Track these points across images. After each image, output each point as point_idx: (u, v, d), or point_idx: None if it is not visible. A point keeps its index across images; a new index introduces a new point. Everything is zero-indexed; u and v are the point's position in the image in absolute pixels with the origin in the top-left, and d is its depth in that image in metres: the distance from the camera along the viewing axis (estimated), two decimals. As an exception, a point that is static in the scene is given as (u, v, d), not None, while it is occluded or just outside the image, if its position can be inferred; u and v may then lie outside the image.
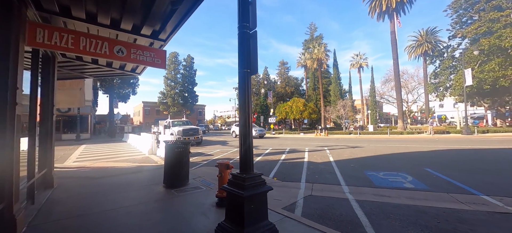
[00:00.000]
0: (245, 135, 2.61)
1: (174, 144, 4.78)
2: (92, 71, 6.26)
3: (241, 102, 2.71)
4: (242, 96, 2.69)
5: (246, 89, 2.67)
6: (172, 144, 4.80)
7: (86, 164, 8.53)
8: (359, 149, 11.14)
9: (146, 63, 3.81)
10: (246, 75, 2.71)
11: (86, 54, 3.32)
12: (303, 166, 7.39)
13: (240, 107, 2.74)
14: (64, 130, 25.02)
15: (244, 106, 2.65)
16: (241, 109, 2.70)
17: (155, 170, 6.75)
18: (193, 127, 15.06)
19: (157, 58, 3.93)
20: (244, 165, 2.64)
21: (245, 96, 2.65)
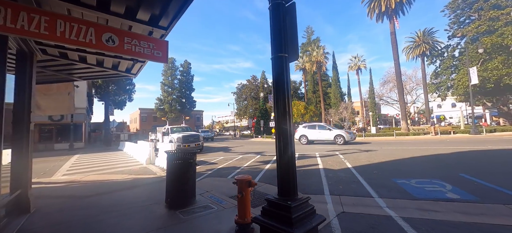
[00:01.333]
0: (285, 143, 1.88)
1: (176, 154, 3.99)
2: (81, 72, 5.47)
3: (277, 97, 1.97)
4: (279, 90, 1.94)
5: (283, 80, 1.94)
6: (175, 154, 4.01)
7: (76, 177, 7.64)
8: (373, 153, 10.42)
9: (144, 56, 3.06)
10: (282, 62, 1.97)
11: (66, 42, 2.55)
12: (321, 174, 6.62)
13: (276, 104, 2.00)
14: (57, 139, 23.93)
15: (284, 104, 1.91)
16: (277, 107, 1.96)
17: (155, 184, 5.91)
18: (193, 133, 14.22)
19: (157, 51, 3.18)
20: (286, 184, 1.89)
21: (283, 89, 1.92)
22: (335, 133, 16.06)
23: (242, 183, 2.84)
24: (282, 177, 1.89)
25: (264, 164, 8.77)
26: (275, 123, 1.95)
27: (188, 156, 4.01)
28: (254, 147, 17.14)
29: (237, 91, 55.40)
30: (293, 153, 1.90)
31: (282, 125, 1.88)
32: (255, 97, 51.02)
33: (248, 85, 53.09)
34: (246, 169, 7.98)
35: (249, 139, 32.66)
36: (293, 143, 1.92)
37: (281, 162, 1.87)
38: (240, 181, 2.85)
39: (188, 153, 4.06)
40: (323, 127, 17.13)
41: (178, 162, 3.95)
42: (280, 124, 1.91)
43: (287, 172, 1.86)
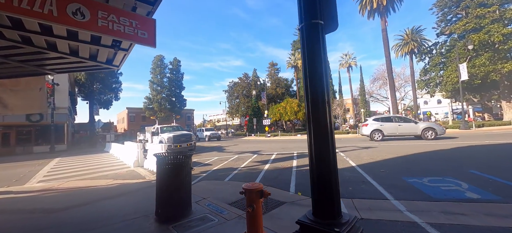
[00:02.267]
0: (324, 142, 1.34)
1: (168, 157, 3.38)
2: (54, 64, 4.70)
3: (311, 80, 1.42)
4: (313, 71, 1.40)
5: (320, 57, 1.40)
6: (166, 157, 3.39)
7: (53, 184, 6.80)
8: (374, 150, 10.14)
9: (125, 36, 2.44)
10: (316, 32, 1.43)
11: (14, 11, 1.89)
12: (325, 174, 6.16)
13: (308, 90, 1.46)
14: (36, 141, 22.34)
15: (321, 90, 1.37)
16: (311, 94, 1.42)
17: (143, 190, 5.24)
18: (185, 133, 13.47)
19: (142, 30, 2.57)
20: (328, 202, 1.36)
21: (320, 71, 1.38)
22: (423, 125, 13.65)
23: (252, 194, 2.29)
24: (321, 191, 1.36)
25: (262, 164, 8.25)
26: (307, 115, 1.43)
27: (182, 159, 3.41)
28: (249, 145, 16.59)
29: (228, 90, 54.50)
30: (335, 156, 1.39)
31: (318, 117, 1.35)
32: (247, 95, 50.35)
33: (240, 83, 52.31)
34: (244, 170, 7.42)
35: (242, 138, 32.06)
36: (334, 140, 1.41)
37: (318, 168, 1.35)
38: (250, 191, 2.30)
39: (181, 154, 3.45)
40: (404, 119, 14.65)
41: (170, 166, 3.34)
42: (315, 115, 1.38)
43: (328, 183, 1.34)
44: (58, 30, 3.16)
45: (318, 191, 1.37)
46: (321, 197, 1.36)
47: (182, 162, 3.40)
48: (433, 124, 14.25)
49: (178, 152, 3.54)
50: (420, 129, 13.46)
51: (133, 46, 4.05)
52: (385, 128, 14.18)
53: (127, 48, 4.02)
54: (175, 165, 3.36)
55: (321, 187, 1.36)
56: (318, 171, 1.35)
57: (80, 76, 28.94)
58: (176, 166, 3.36)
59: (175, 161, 3.37)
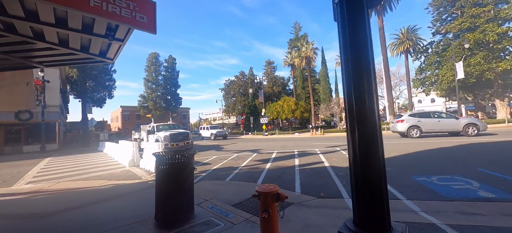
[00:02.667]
0: (370, 140, 1.10)
1: (169, 157, 3.09)
2: (43, 55, 4.34)
3: (353, 65, 1.18)
4: (357, 54, 1.16)
5: (365, 36, 1.16)
6: (166, 156, 3.11)
7: (43, 185, 6.42)
8: None
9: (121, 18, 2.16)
10: (360, 6, 1.18)
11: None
12: (330, 174, 5.97)
13: (351, 77, 1.21)
14: (26, 140, 21.56)
15: (368, 77, 1.14)
16: (356, 81, 1.17)
17: (141, 192, 4.93)
18: (182, 131, 13.11)
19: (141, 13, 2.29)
20: (374, 209, 1.11)
21: (365, 53, 1.14)
22: (465, 121, 12.82)
23: (268, 197, 2.04)
24: (366, 198, 1.12)
25: (263, 163, 8.01)
26: (347, 107, 1.18)
27: (184, 158, 3.13)
28: (247, 144, 16.34)
29: (225, 88, 54.06)
30: (384, 157, 1.16)
31: (365, 109, 1.11)
32: (243, 94, 50.05)
33: (236, 82, 51.94)
34: (245, 170, 7.17)
35: (239, 136, 31.77)
36: (382, 139, 1.18)
37: (365, 171, 1.10)
38: (265, 195, 2.05)
39: (183, 153, 3.18)
40: (443, 115, 13.76)
41: (170, 167, 3.06)
42: (358, 108, 1.13)
43: (378, 188, 1.10)
44: (45, 15, 2.83)
45: (363, 197, 1.13)
46: (367, 205, 1.12)
47: (183, 161, 3.12)
48: (475, 119, 13.48)
49: (179, 151, 3.26)
50: (462, 125, 12.71)
51: (129, 36, 3.74)
52: (423, 124, 13.31)
53: (123, 38, 3.70)
54: (176, 164, 3.08)
55: (367, 193, 1.12)
56: (364, 173, 1.11)
57: (72, 73, 28.10)
58: (177, 165, 3.08)
59: (176, 161, 3.09)
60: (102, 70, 31.01)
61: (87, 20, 3.15)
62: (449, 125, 13.11)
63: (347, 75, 1.18)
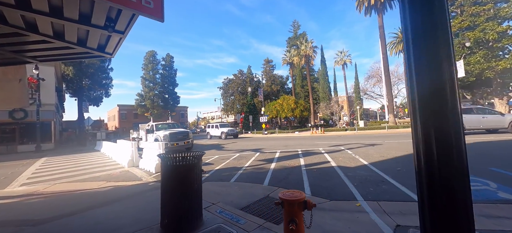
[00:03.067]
0: (448, 138, 0.85)
1: (175, 159, 2.84)
2: (37, 49, 4.05)
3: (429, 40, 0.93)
4: (432, 29, 0.91)
5: (444, 8, 0.91)
6: (173, 157, 2.86)
7: (38, 188, 6.11)
8: (380, 147, 9.85)
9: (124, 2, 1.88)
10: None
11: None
12: (339, 174, 5.77)
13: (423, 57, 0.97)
14: (21, 140, 21.06)
15: (448, 57, 0.89)
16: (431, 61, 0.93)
17: (142, 195, 4.67)
18: (182, 130, 12.82)
19: None
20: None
21: (445, 28, 0.89)
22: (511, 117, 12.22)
23: (293, 206, 1.80)
24: (442, 219, 0.88)
25: (267, 163, 7.78)
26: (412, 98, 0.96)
27: (191, 159, 2.88)
28: (248, 143, 16.09)
29: (223, 86, 53.70)
30: (466, 161, 0.93)
31: (445, 105, 0.88)
32: (242, 92, 49.74)
33: (235, 80, 51.61)
34: (249, 170, 6.93)
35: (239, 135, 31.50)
36: (465, 138, 0.95)
37: (443, 179, 0.87)
38: (290, 203, 1.81)
39: (190, 154, 2.93)
40: (487, 111, 13.14)
41: (177, 169, 2.80)
42: (437, 103, 0.90)
43: (462, 203, 0.86)
44: (37, 2, 2.55)
45: (438, 217, 0.89)
46: (445, 223, 0.88)
47: (191, 162, 2.87)
48: None
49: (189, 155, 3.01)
50: (507, 122, 12.28)
51: (130, 27, 3.47)
52: (467, 120, 12.70)
53: (123, 30, 3.43)
54: (184, 166, 2.83)
55: (445, 208, 0.88)
56: (442, 181, 0.88)
57: (68, 71, 27.55)
58: (184, 167, 2.83)
59: (183, 162, 2.84)
60: (98, 68, 30.47)
61: (85, 8, 2.88)
62: (494, 121, 12.59)
63: (419, 65, 0.95)
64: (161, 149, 7.40)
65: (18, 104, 4.51)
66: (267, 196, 4.60)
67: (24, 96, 4.51)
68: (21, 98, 4.48)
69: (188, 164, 2.84)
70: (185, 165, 2.82)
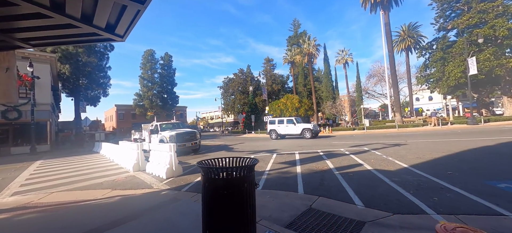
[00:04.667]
0: None
1: (221, 171, 2.04)
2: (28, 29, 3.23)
3: None
4: None
5: None
6: (217, 167, 2.06)
7: (31, 198, 5.27)
8: (408, 147, 9.12)
9: None
10: None
11: None
12: (382, 179, 5.03)
13: None
14: (14, 141, 19.97)
15: None
16: None
17: (160, 209, 3.85)
18: (189, 130, 11.97)
19: None
20: None
21: None
22: None
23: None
24: None
25: (290, 165, 7.01)
26: None
27: (244, 170, 2.09)
28: (257, 143, 15.29)
29: (223, 86, 52.82)
30: None
31: None
32: (243, 92, 48.94)
33: (235, 80, 50.78)
34: (273, 174, 6.15)
35: (241, 135, 30.68)
36: None
37: None
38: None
39: (241, 164, 2.14)
40: None
41: (224, 183, 2.01)
42: None
43: None
44: None
45: None
46: None
47: (244, 174, 2.08)
48: None
49: (236, 168, 2.22)
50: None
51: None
52: None
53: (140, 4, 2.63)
54: (234, 180, 2.04)
55: None
56: None
57: (64, 70, 26.47)
58: (235, 181, 2.04)
59: (233, 174, 2.05)
60: (96, 67, 29.43)
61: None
62: None
63: None
64: (172, 151, 6.60)
65: (5, 98, 3.66)
66: (309, 207, 3.85)
67: (12, 90, 3.67)
68: (8, 92, 3.64)
69: (240, 176, 2.06)
70: (236, 178, 2.03)
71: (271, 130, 19.56)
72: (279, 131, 18.92)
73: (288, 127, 18.35)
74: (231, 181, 1.99)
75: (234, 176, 2.01)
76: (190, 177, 6.36)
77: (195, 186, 5.40)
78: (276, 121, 19.57)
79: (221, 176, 1.99)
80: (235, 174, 2.02)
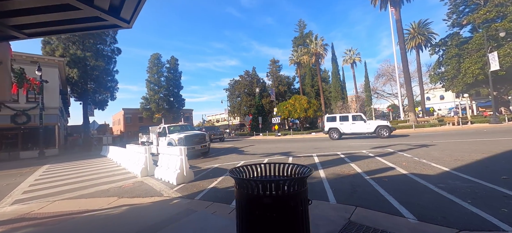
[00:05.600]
0: None
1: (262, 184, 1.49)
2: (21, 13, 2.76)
3: None
4: None
5: None
6: (257, 179, 1.50)
7: (32, 207, 4.82)
8: (438, 148, 8.32)
9: None
10: None
11: None
12: (424, 185, 4.36)
13: None
14: (24, 145, 19.97)
15: None
16: None
17: (170, 223, 3.30)
18: (197, 132, 11.49)
19: None
20: None
21: None
22: None
23: None
24: None
25: (310, 169, 6.38)
26: None
27: (294, 183, 1.51)
28: (268, 146, 14.67)
29: (229, 88, 52.50)
30: None
31: None
32: (249, 94, 48.46)
33: (241, 81, 50.39)
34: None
35: (248, 138, 30.10)
36: None
37: None
38: None
39: (291, 173, 1.56)
40: None
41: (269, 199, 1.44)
42: None
43: None
44: None
45: None
46: None
47: (296, 189, 1.50)
48: None
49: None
50: None
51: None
52: None
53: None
54: (283, 198, 1.46)
55: None
56: None
57: (73, 74, 26.61)
58: (284, 199, 1.46)
59: (283, 188, 1.48)
60: (103, 71, 29.53)
61: None
62: None
63: None
64: (183, 155, 6.08)
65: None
66: (348, 221, 3.24)
67: (5, 86, 3.21)
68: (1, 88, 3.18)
69: (293, 192, 1.48)
70: (288, 195, 1.45)
71: (332, 129, 16.54)
72: (343, 129, 16.08)
73: (355, 124, 15.74)
74: (281, 199, 1.42)
75: (285, 192, 1.43)
76: (203, 183, 5.81)
77: (209, 194, 4.85)
78: (338, 117, 16.72)
79: (268, 192, 1.42)
80: (286, 188, 1.45)
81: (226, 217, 3.44)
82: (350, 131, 15.85)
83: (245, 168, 1.81)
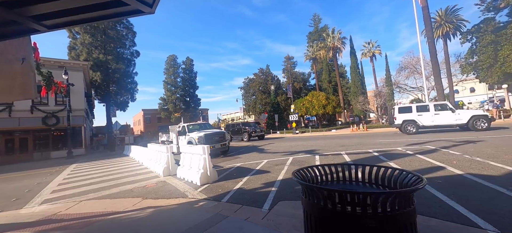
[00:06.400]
0: None
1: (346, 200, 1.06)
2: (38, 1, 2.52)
3: None
4: None
5: None
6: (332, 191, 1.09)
7: (59, 207, 4.77)
8: (488, 144, 7.33)
9: None
10: None
11: None
12: (494, 189, 3.67)
13: None
14: (55, 145, 21.18)
15: None
16: None
17: (202, 228, 2.96)
18: (217, 131, 11.28)
19: None
20: None
21: None
22: None
23: None
24: None
25: (343, 169, 5.81)
26: None
27: (403, 200, 1.04)
28: (289, 144, 14.13)
29: (244, 86, 52.39)
30: None
31: None
32: (264, 91, 47.97)
33: (256, 79, 50.02)
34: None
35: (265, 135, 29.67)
36: None
37: None
38: None
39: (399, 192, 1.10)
40: None
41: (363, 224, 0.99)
42: None
43: None
44: None
45: None
46: None
47: (401, 207, 1.04)
48: None
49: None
50: None
51: None
52: None
53: None
54: (388, 219, 1.01)
55: None
56: None
57: (96, 77, 27.82)
58: (389, 220, 1.01)
59: (384, 203, 1.02)
60: (124, 73, 30.60)
61: None
62: None
63: None
64: (206, 154, 5.79)
65: (23, 94, 3.05)
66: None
67: (29, 84, 3.05)
68: (26, 86, 3.02)
69: (397, 213, 1.02)
70: (393, 217, 1.00)
71: (406, 121, 13.69)
72: (423, 122, 13.32)
73: (438, 114, 12.98)
74: (389, 221, 0.96)
75: (388, 212, 0.97)
76: (228, 183, 5.48)
77: (236, 196, 4.49)
78: (413, 107, 13.94)
79: (369, 210, 0.97)
80: (387, 204, 0.99)
81: (262, 224, 3.04)
82: (432, 123, 13.12)
83: (312, 170, 1.38)
